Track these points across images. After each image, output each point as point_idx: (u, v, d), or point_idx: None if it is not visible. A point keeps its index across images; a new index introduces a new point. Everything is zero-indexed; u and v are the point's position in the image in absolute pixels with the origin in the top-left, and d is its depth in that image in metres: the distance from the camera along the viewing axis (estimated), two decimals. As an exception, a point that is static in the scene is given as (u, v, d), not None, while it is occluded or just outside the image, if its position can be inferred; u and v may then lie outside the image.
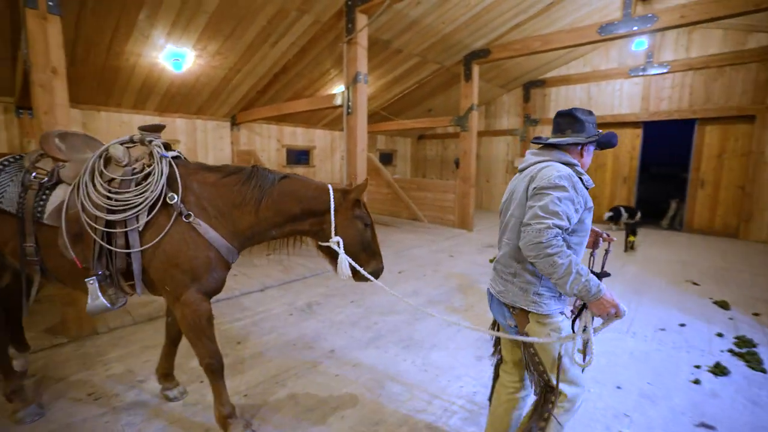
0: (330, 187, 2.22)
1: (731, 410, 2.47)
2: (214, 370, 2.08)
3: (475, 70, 8.25)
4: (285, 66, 6.98)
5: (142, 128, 2.18)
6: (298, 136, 10.15)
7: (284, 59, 6.72)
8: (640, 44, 8.50)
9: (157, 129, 2.20)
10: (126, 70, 5.93)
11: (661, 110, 9.13)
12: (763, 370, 2.94)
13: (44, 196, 2.02)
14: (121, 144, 2.09)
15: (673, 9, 5.82)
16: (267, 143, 9.44)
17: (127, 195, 1.95)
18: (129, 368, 2.86)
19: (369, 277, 2.16)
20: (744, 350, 3.22)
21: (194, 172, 2.15)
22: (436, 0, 6.20)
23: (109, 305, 1.99)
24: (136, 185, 1.99)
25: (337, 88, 7.97)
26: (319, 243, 2.23)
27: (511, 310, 1.72)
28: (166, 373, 2.51)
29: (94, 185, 1.96)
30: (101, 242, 1.93)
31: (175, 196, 1.98)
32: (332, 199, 2.16)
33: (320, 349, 3.22)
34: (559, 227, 1.49)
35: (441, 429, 2.26)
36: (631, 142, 9.78)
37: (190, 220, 1.98)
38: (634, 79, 9.38)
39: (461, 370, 2.92)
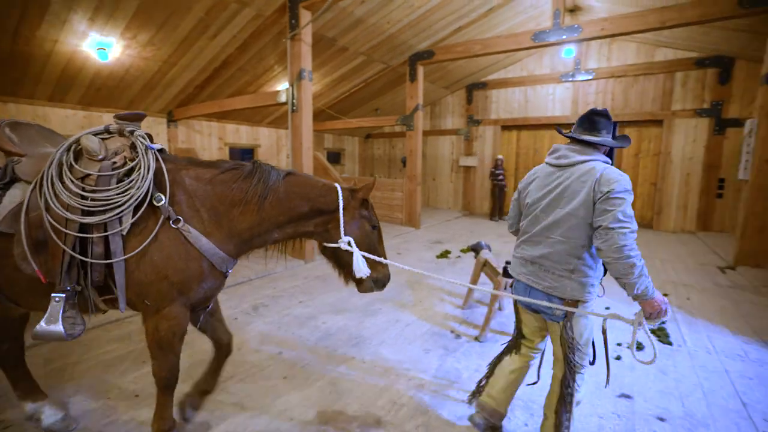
0: (338, 185, 2.06)
1: (645, 380, 2.77)
2: (169, 385, 1.90)
3: (420, 70, 8.45)
4: (226, 61, 6.67)
5: (119, 116, 1.86)
6: (241, 134, 9.76)
7: (224, 53, 6.43)
8: (569, 52, 9.19)
9: (138, 118, 1.89)
10: (39, 58, 5.34)
11: (587, 113, 9.94)
12: (669, 343, 3.33)
13: None
14: (95, 135, 1.78)
15: (596, 22, 6.37)
16: (208, 141, 8.97)
17: (107, 193, 1.65)
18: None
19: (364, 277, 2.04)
20: (656, 326, 3.62)
21: (185, 167, 1.90)
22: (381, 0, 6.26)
23: (64, 334, 1.63)
24: (118, 182, 1.70)
25: (282, 85, 7.77)
26: (325, 245, 2.06)
27: (563, 300, 1.81)
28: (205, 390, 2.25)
29: (63, 183, 1.65)
30: (71, 251, 1.61)
31: (163, 197, 1.72)
32: (341, 198, 2.00)
33: (267, 352, 3.13)
34: (635, 231, 1.62)
35: (390, 422, 2.31)
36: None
37: (179, 226, 1.73)
38: (565, 84, 10.13)
39: (409, 364, 2.99)
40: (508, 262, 3.44)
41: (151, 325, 1.79)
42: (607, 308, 4.12)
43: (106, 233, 1.64)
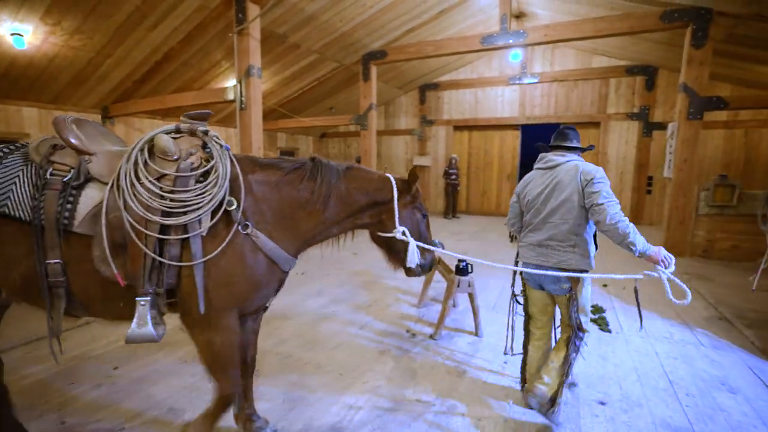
0: (390, 176, 2.08)
1: (587, 367, 2.94)
2: (230, 402, 1.80)
3: (373, 70, 8.45)
4: (168, 54, 6.27)
5: (188, 115, 1.78)
6: (187, 132, 9.22)
7: (166, 46, 6.04)
8: (515, 56, 9.61)
9: (204, 117, 1.81)
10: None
11: (534, 115, 10.47)
12: (609, 331, 3.57)
13: (71, 198, 1.59)
14: (167, 134, 1.71)
15: (539, 28, 6.71)
16: (149, 139, 8.39)
17: (186, 194, 1.60)
18: None
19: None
20: (597, 316, 3.86)
21: (251, 170, 1.83)
22: (332, -3, 6.19)
23: (155, 335, 1.60)
24: (196, 183, 1.65)
25: (230, 82, 7.44)
26: (379, 234, 2.09)
27: (571, 272, 2.22)
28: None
29: (141, 183, 1.59)
30: (152, 254, 1.57)
31: (234, 202, 1.68)
32: (395, 189, 2.02)
33: (216, 363, 2.96)
34: (619, 204, 2.10)
35: (345, 428, 2.26)
36: (512, 142, 11.03)
37: (248, 231, 1.69)
38: (513, 86, 10.59)
39: (365, 366, 2.96)
40: (461, 260, 3.53)
41: (203, 338, 1.72)
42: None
43: (186, 235, 1.60)
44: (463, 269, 3.45)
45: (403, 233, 2.02)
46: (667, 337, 3.47)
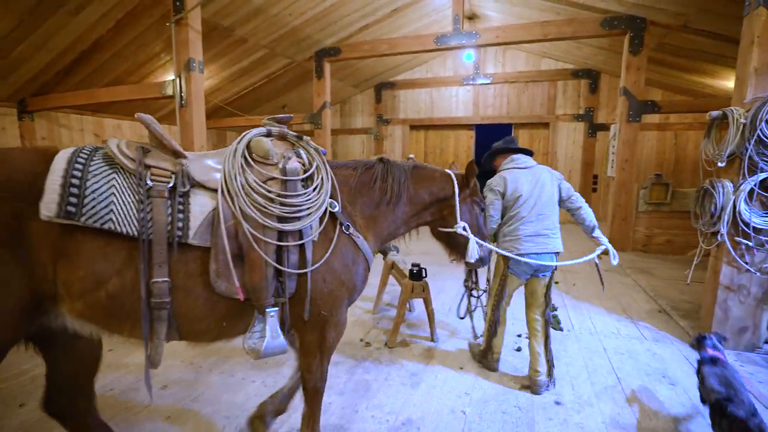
0: (451, 172, 2.18)
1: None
2: (321, 391, 1.89)
3: (327, 67, 8.22)
4: (97, 43, 5.68)
5: (273, 119, 1.77)
6: (125, 130, 8.51)
7: (94, 34, 5.46)
8: (468, 57, 9.75)
9: (285, 121, 1.80)
10: None
11: (487, 115, 10.70)
12: (560, 329, 3.63)
13: (181, 207, 1.43)
14: (261, 137, 1.65)
15: (491, 29, 6.81)
16: (80, 138, 7.62)
17: (298, 199, 1.58)
18: None
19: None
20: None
21: (334, 171, 1.84)
22: (281, -11, 5.90)
23: (287, 346, 1.58)
24: (303, 187, 1.63)
25: (172, 76, 6.91)
26: (440, 229, 2.18)
27: (558, 254, 2.69)
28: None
29: (254, 188, 1.51)
30: (273, 262, 1.50)
31: (336, 204, 1.72)
32: (456, 185, 2.11)
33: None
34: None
35: (292, 453, 2.08)
36: (466, 141, 11.21)
37: (350, 232, 1.75)
38: (467, 87, 10.76)
39: (317, 380, 2.78)
40: (415, 265, 3.43)
41: (316, 336, 1.75)
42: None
43: (301, 241, 1.57)
44: (416, 274, 3.37)
45: (464, 229, 2.11)
46: (614, 332, 3.58)
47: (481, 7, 8.34)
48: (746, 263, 2.94)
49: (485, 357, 2.92)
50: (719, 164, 2.97)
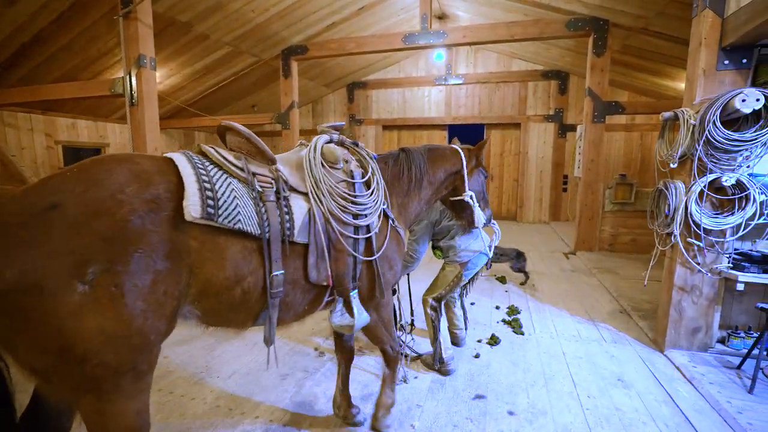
0: (458, 147, 2.39)
1: (498, 375, 2.87)
2: (395, 350, 2.26)
3: (294, 66, 8.02)
4: (39, 36, 5.33)
5: (331, 126, 1.98)
6: (80, 130, 8.07)
7: (34, 26, 5.12)
8: (439, 57, 9.71)
9: (338, 129, 2.02)
10: None
11: (460, 115, 10.69)
12: (521, 333, 3.58)
13: (286, 209, 1.62)
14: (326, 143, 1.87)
15: (459, 29, 6.76)
16: (29, 138, 7.16)
17: (366, 199, 1.86)
18: None
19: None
20: (511, 318, 3.87)
21: None
22: (240, -16, 5.68)
23: (369, 318, 1.93)
24: (367, 188, 1.91)
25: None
26: (450, 199, 2.43)
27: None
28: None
29: (336, 191, 1.77)
30: (353, 252, 1.80)
31: (386, 202, 2.01)
32: (464, 159, 2.33)
33: (72, 411, 2.43)
34: None
35: (222, 481, 1.92)
36: (439, 141, 11.16)
37: (396, 224, 2.02)
38: (439, 87, 10.73)
39: (262, 395, 2.61)
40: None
41: (374, 315, 2.07)
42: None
43: (369, 234, 1.85)
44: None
45: (471, 197, 2.36)
46: (575, 335, 3.55)
47: (451, 7, 8.31)
48: (698, 264, 2.94)
49: (441, 361, 2.89)
50: (672, 165, 2.97)
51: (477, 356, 3.15)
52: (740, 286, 2.77)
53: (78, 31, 5.49)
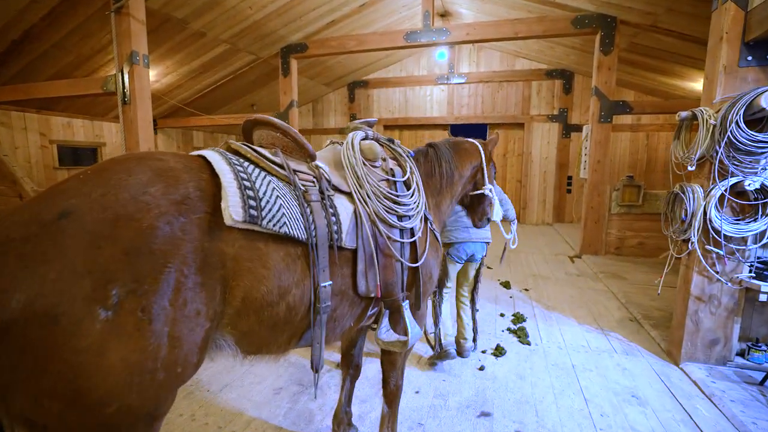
0: (476, 141, 2.33)
1: (504, 391, 2.71)
2: (401, 388, 1.98)
3: (294, 64, 7.86)
4: (30, 33, 5.19)
5: (365, 122, 1.84)
6: (76, 129, 7.93)
7: (25, 22, 4.97)
8: (441, 55, 9.54)
9: (371, 124, 1.89)
10: None
11: (462, 115, 10.52)
12: (528, 342, 3.41)
13: (332, 210, 1.43)
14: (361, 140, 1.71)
15: (462, 26, 6.59)
16: (22, 137, 7.02)
17: (410, 199, 1.71)
18: None
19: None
20: (517, 326, 3.71)
21: None
22: (237, -21, 5.52)
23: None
24: (407, 188, 1.77)
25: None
26: (470, 193, 2.35)
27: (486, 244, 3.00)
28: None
29: (380, 191, 1.60)
30: (400, 258, 1.63)
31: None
32: (483, 152, 2.28)
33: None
34: None
35: None
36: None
37: (433, 227, 1.87)
38: (441, 86, 10.56)
39: (253, 411, 2.46)
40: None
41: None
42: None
43: (414, 237, 1.69)
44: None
45: (490, 191, 2.32)
46: (584, 345, 3.38)
47: (453, 4, 8.14)
48: (717, 273, 2.78)
49: (441, 345, 2.97)
50: (689, 168, 2.80)
51: (482, 368, 2.99)
52: (763, 297, 2.61)
53: (71, 27, 5.34)
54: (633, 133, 9.28)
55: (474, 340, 3.18)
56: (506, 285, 4.97)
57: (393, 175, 1.72)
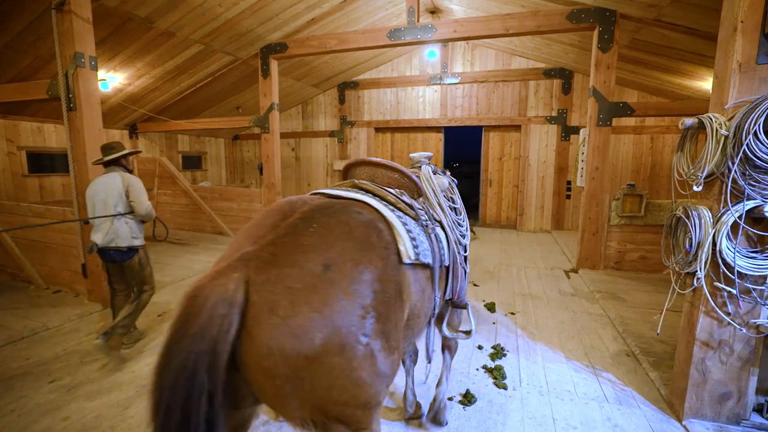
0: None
1: (468, 459, 2.24)
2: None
3: (274, 65, 7.44)
4: (-24, 34, 4.80)
5: (423, 156, 2.39)
6: (47, 134, 7.58)
7: (-33, 23, 4.59)
8: (431, 54, 9.06)
9: (430, 158, 2.41)
10: None
11: (456, 117, 10.02)
12: (504, 386, 2.93)
13: (437, 237, 1.83)
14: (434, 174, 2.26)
15: (448, 23, 6.11)
16: (-12, 144, 6.68)
17: (464, 221, 2.26)
18: None
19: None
20: (494, 364, 3.24)
21: None
22: (200, -26, 5.10)
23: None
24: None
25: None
26: None
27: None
28: None
29: (455, 219, 2.15)
30: (467, 270, 2.21)
31: None
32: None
33: None
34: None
35: None
36: (435, 145, 10.53)
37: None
38: (434, 86, 10.07)
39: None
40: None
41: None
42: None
43: (467, 252, 2.25)
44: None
45: None
46: (570, 390, 2.90)
47: (443, 0, 7.65)
48: (728, 315, 2.28)
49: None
50: (695, 188, 2.31)
51: (444, 424, 2.52)
52: (786, 348, 2.11)
53: (21, 27, 4.96)
54: (636, 136, 8.72)
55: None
56: (491, 307, 4.48)
57: (454, 202, 2.25)
